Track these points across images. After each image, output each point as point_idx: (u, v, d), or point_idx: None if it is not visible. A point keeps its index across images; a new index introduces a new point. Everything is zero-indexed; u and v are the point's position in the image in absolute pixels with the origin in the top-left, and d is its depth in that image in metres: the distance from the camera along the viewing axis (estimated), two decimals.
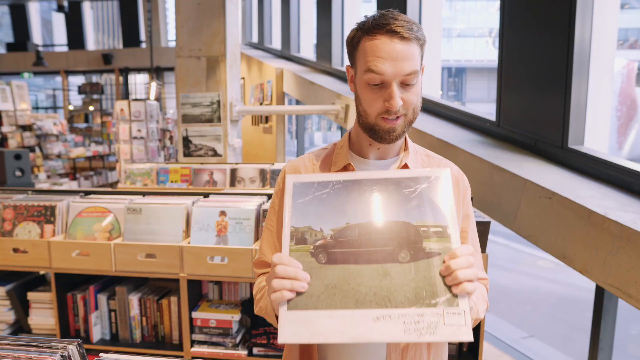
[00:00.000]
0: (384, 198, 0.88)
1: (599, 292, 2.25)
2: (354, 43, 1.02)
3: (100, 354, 0.82)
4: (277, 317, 0.90)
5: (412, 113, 1.00)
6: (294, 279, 0.82)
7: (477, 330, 2.04)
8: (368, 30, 0.98)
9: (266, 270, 1.16)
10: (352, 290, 0.82)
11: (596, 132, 2.45)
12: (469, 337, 0.76)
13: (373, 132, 1.01)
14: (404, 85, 0.97)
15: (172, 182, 3.95)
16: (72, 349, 0.80)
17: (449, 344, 2.06)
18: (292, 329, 0.80)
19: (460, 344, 2.10)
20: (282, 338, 0.79)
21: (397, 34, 0.95)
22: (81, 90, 11.83)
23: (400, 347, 1.01)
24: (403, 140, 1.10)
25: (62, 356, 0.78)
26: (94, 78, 14.25)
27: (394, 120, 0.98)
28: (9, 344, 0.81)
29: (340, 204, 0.89)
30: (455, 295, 0.80)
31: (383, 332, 0.78)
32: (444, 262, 0.82)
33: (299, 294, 0.82)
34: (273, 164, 3.82)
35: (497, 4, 2.82)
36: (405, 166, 1.07)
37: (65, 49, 14.45)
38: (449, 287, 0.80)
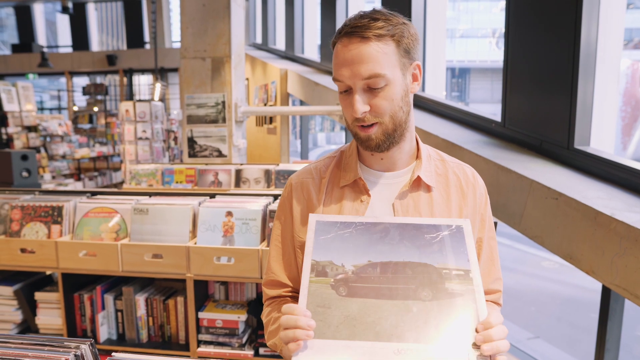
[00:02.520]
0: (405, 241, 0.89)
1: (606, 293, 2.24)
2: (333, 51, 0.99)
3: (113, 354, 0.83)
4: None
5: (390, 120, 0.92)
6: (297, 327, 0.79)
7: None
8: (337, 34, 0.94)
9: (277, 293, 1.09)
10: (373, 323, 0.80)
11: (602, 132, 2.45)
12: None
13: (358, 140, 0.97)
14: (370, 89, 0.90)
15: (177, 182, 3.96)
16: (85, 348, 0.81)
17: None
18: (308, 357, 0.79)
19: None
20: None
21: (355, 35, 0.89)
22: (85, 91, 11.88)
23: None
24: (415, 146, 1.04)
25: (75, 355, 0.78)
26: (98, 79, 14.31)
27: (368, 127, 0.92)
28: (22, 343, 0.82)
29: (362, 243, 0.89)
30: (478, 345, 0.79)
31: None
32: (476, 330, 0.80)
33: (316, 315, 0.82)
34: (278, 164, 3.83)
35: (501, 4, 2.82)
36: (418, 179, 1.00)
37: (69, 50, 14.49)
38: (470, 333, 0.79)
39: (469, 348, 0.78)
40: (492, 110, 3.24)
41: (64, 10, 10.50)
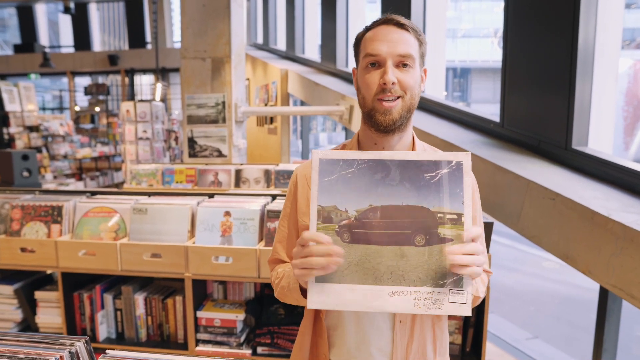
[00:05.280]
0: (405, 182, 0.94)
1: (603, 293, 2.25)
2: (357, 41, 1.10)
3: (107, 351, 0.84)
4: (301, 291, 1.04)
5: (410, 98, 1.04)
6: (334, 255, 0.91)
7: (480, 330, 2.05)
8: (370, 27, 1.08)
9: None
10: (372, 269, 0.92)
11: (600, 132, 2.45)
12: (468, 313, 0.90)
13: (371, 118, 1.05)
14: (400, 66, 1.02)
15: (177, 182, 3.97)
16: (80, 345, 0.82)
17: (452, 344, 2.07)
18: (320, 298, 0.93)
19: (464, 344, 2.11)
20: (311, 304, 0.93)
21: (393, 21, 1.05)
22: (87, 91, 11.92)
23: (406, 339, 1.08)
24: (411, 141, 1.12)
25: (70, 352, 0.79)
26: (100, 79, 14.33)
27: (391, 101, 1.02)
28: (18, 340, 0.83)
29: (364, 185, 0.94)
30: (461, 278, 0.90)
31: (397, 305, 0.91)
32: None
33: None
34: (278, 164, 3.84)
35: (502, 4, 2.82)
36: None
37: (71, 50, 14.51)
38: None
39: (450, 279, 0.91)
40: (494, 111, 3.24)
41: (66, 10, 10.54)
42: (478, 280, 1.09)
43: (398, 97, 1.02)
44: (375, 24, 1.07)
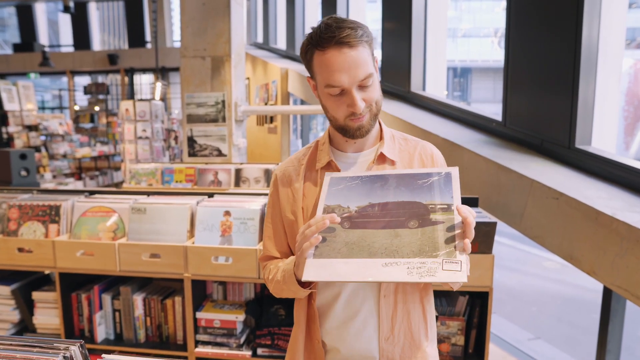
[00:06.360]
0: (401, 186, 1.06)
1: (607, 294, 2.22)
2: (307, 57, 1.10)
3: (103, 355, 0.81)
4: (298, 282, 1.07)
5: (375, 106, 1.11)
6: (327, 219, 0.98)
7: (482, 331, 2.03)
8: (317, 44, 1.05)
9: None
10: (367, 246, 0.98)
11: (604, 132, 2.43)
12: (464, 280, 0.89)
13: (345, 132, 1.13)
14: (362, 87, 1.07)
15: (176, 182, 3.95)
16: (75, 349, 0.79)
17: (454, 345, 2.05)
18: (314, 271, 0.97)
19: (466, 346, 2.08)
20: (306, 276, 0.97)
21: (346, 44, 1.03)
22: (87, 90, 11.88)
23: (390, 312, 1.13)
24: (378, 130, 1.21)
25: (64, 357, 0.77)
26: (100, 78, 14.30)
27: (360, 118, 1.09)
28: (11, 344, 0.81)
29: (365, 190, 1.07)
30: (453, 251, 0.93)
31: (390, 274, 0.94)
32: (453, 227, 0.95)
33: (323, 242, 1.00)
34: (278, 163, 3.81)
35: (503, 3, 2.80)
36: (382, 155, 1.17)
37: (71, 49, 14.48)
38: (449, 245, 0.94)
39: (443, 252, 0.93)
40: (495, 110, 3.21)
41: (66, 9, 10.47)
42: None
43: (365, 113, 1.09)
44: (325, 45, 1.03)
